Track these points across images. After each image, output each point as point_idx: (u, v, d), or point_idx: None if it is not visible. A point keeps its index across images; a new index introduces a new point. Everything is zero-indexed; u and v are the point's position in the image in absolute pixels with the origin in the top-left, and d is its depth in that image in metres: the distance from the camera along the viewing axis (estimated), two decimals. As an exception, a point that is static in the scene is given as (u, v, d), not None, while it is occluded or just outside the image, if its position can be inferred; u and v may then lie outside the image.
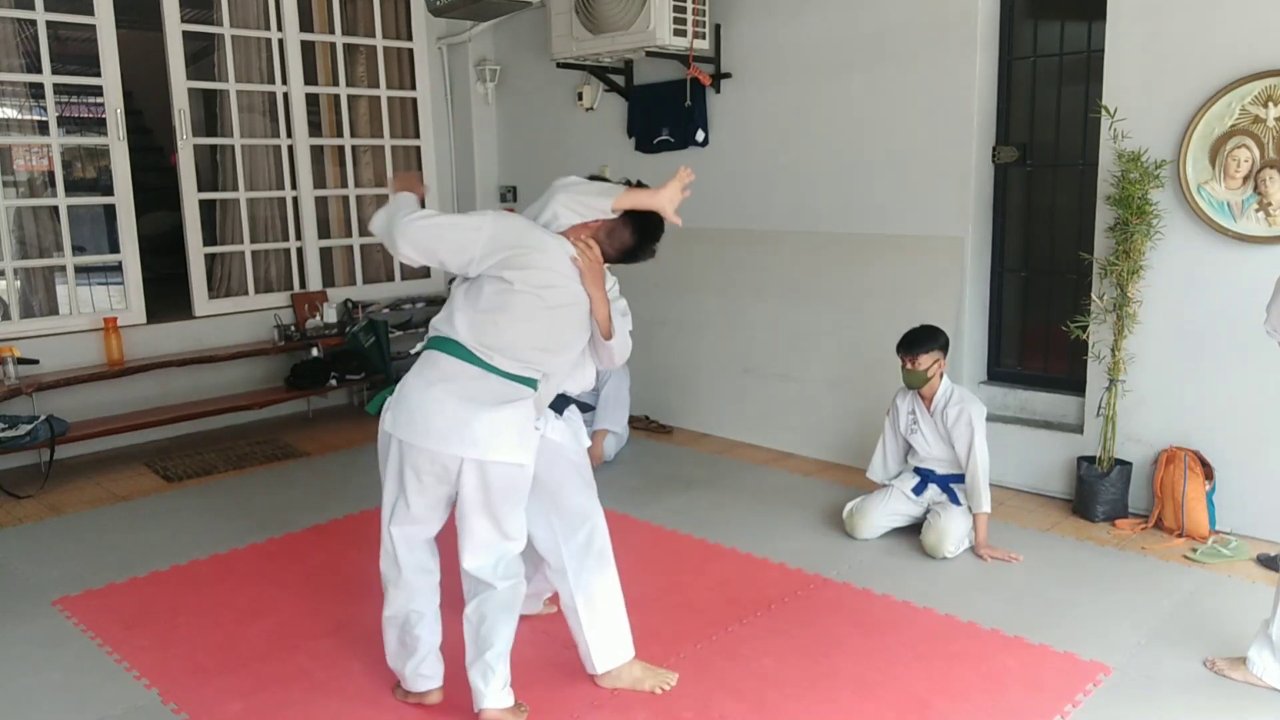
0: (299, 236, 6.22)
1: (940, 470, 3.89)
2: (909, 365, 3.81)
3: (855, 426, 4.83)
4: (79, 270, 5.53)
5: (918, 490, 3.91)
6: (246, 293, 6.03)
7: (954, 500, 3.83)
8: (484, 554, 2.59)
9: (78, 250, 5.57)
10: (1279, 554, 3.57)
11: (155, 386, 5.49)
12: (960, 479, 3.85)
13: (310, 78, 6.23)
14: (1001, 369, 4.78)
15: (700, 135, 5.47)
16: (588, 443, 2.98)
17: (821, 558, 3.73)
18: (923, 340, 3.82)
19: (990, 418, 4.63)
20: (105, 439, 5.26)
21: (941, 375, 3.86)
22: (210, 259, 5.92)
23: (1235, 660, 2.85)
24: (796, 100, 5.07)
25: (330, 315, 6.07)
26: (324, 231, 6.42)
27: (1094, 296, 4.08)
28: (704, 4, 5.14)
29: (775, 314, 5.27)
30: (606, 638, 2.80)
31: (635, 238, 2.66)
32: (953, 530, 3.70)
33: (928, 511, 3.86)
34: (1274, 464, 3.76)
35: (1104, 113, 3.98)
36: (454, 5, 5.85)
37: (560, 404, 2.88)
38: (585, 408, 2.92)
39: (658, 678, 2.83)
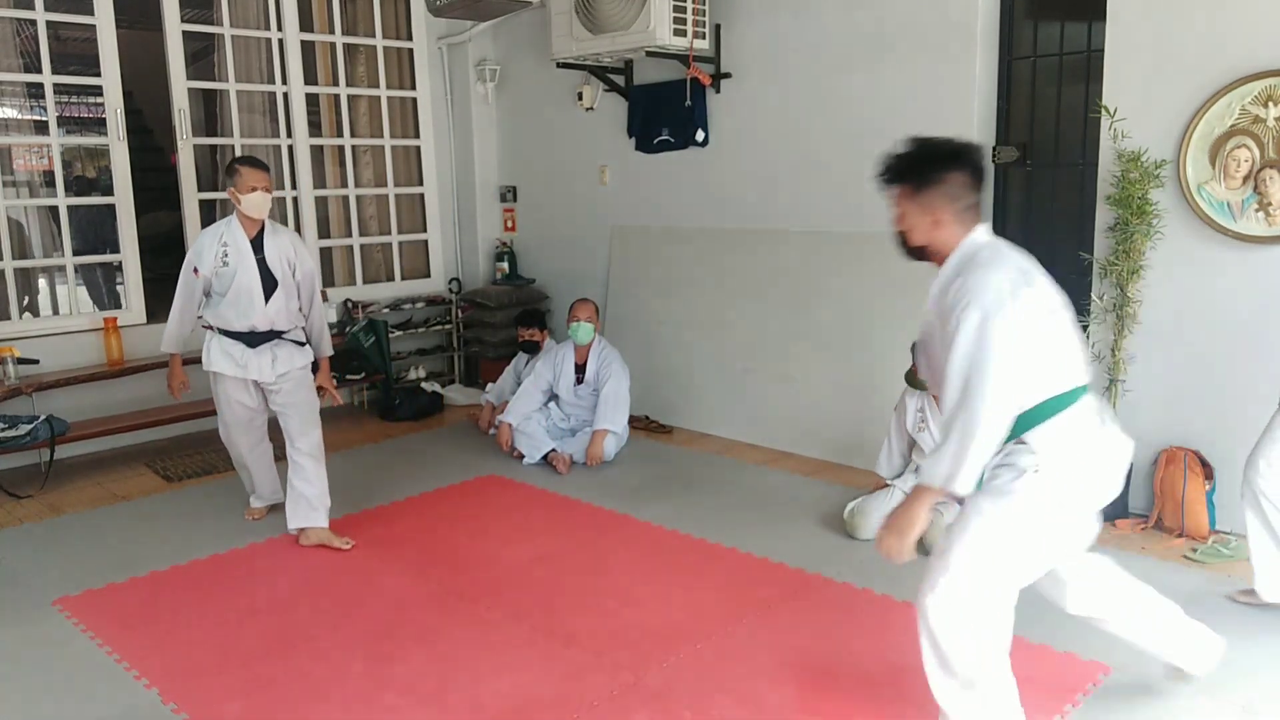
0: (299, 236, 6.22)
1: None
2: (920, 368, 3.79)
3: (855, 426, 4.83)
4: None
5: None
6: (246, 293, 6.02)
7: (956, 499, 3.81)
8: None
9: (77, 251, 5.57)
10: None
11: (155, 386, 5.47)
12: None
13: (310, 78, 6.23)
14: (1001, 369, 4.78)
15: (700, 135, 5.47)
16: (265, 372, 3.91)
17: (821, 558, 3.73)
18: None
19: (990, 418, 4.64)
20: (105, 439, 5.26)
21: None
22: (210, 259, 5.91)
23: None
24: (796, 100, 5.07)
25: (330, 315, 6.06)
26: (324, 231, 6.43)
27: (1094, 296, 4.08)
28: (704, 4, 5.14)
29: (775, 314, 5.27)
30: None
31: None
32: None
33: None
34: (1274, 464, 3.76)
35: (1104, 113, 3.98)
36: (454, 5, 5.85)
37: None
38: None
39: (340, 540, 3.91)
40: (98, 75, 5.34)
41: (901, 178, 2.31)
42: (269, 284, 3.89)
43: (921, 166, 2.28)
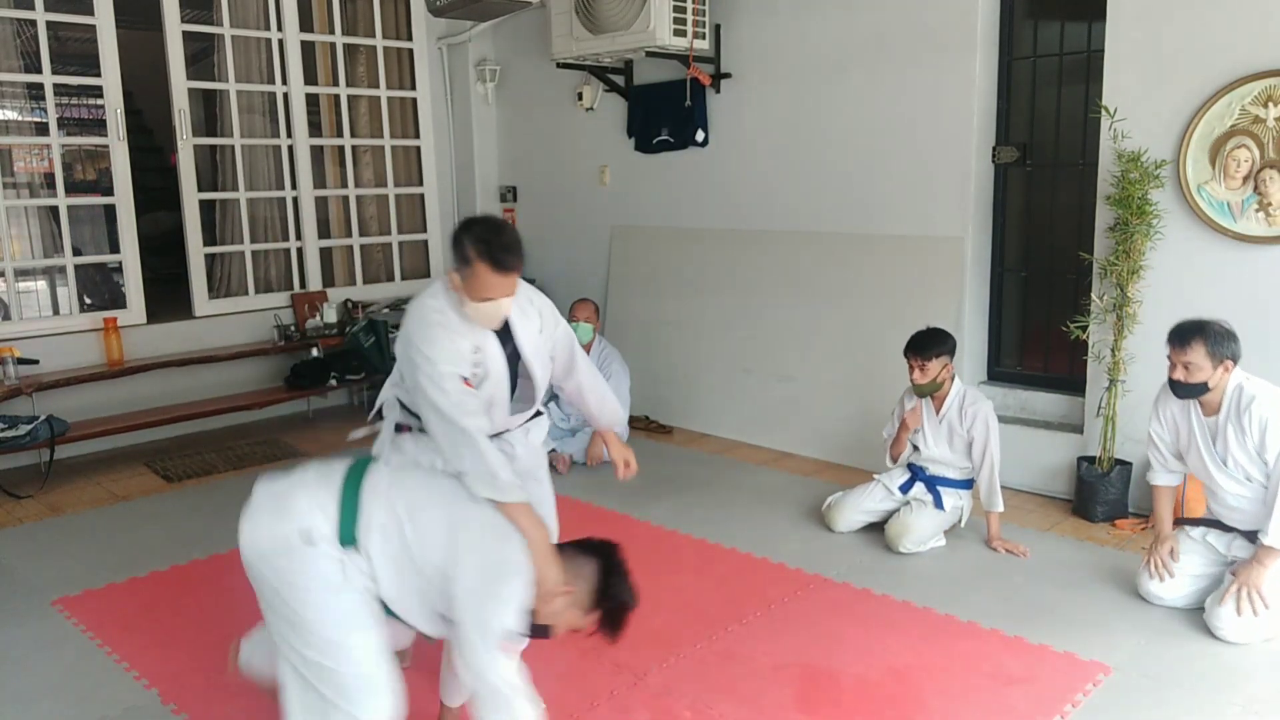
0: (299, 237, 6.22)
1: (931, 470, 3.88)
2: (918, 373, 3.75)
3: (855, 426, 4.83)
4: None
5: (905, 487, 3.90)
6: (246, 293, 6.03)
7: (937, 502, 3.82)
8: None
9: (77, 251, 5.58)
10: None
11: (155, 386, 5.49)
12: (948, 482, 3.84)
13: (310, 78, 6.23)
14: (1001, 369, 4.78)
15: (700, 135, 5.47)
16: None
17: (821, 558, 3.73)
18: (933, 344, 3.75)
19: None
20: (105, 439, 5.26)
21: (952, 378, 3.83)
22: (210, 259, 5.92)
23: None
24: (796, 100, 5.07)
25: (330, 315, 6.07)
26: (324, 231, 6.43)
27: (1094, 296, 4.08)
28: (704, 4, 5.14)
29: (775, 314, 5.27)
30: None
31: None
32: (916, 528, 3.73)
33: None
34: (1274, 464, 3.76)
35: (1104, 113, 3.98)
36: (454, 5, 5.85)
37: None
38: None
39: None
40: (98, 75, 5.34)
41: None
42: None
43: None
